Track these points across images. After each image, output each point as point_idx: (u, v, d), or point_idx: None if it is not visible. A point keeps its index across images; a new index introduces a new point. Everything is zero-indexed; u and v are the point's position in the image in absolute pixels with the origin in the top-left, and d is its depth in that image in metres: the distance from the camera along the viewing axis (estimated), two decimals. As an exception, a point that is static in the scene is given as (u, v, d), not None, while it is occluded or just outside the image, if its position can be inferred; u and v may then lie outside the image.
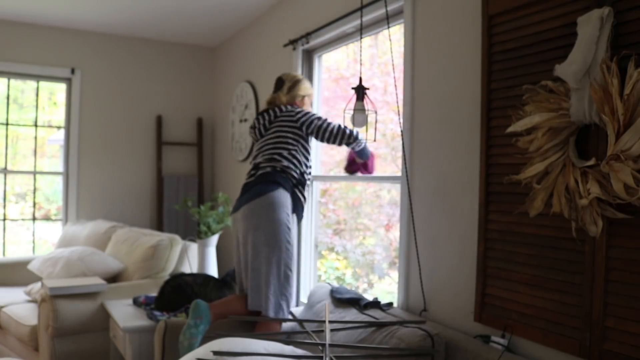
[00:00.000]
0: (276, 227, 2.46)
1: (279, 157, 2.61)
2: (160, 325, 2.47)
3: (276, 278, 2.45)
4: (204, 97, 5.15)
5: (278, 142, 2.65)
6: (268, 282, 2.44)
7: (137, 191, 4.84)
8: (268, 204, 2.48)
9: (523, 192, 1.77)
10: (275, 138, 2.68)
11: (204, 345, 1.91)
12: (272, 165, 2.61)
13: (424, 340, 1.89)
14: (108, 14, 4.16)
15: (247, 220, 2.52)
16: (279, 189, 2.52)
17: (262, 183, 2.55)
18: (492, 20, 1.94)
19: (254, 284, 2.46)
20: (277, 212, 2.48)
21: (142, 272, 3.51)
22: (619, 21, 1.51)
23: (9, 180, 4.67)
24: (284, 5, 3.74)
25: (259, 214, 2.48)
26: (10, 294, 3.70)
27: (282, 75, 2.90)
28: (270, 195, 2.50)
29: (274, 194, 2.51)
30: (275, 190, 2.51)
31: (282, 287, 2.47)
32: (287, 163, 2.61)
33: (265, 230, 2.45)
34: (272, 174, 2.57)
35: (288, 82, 2.84)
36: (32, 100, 4.62)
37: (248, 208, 2.52)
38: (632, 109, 1.41)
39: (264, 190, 2.51)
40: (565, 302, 1.68)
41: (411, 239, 2.41)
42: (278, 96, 2.81)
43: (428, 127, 2.37)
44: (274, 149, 2.65)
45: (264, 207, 2.48)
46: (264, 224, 2.46)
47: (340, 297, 2.49)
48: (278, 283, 2.46)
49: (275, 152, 2.63)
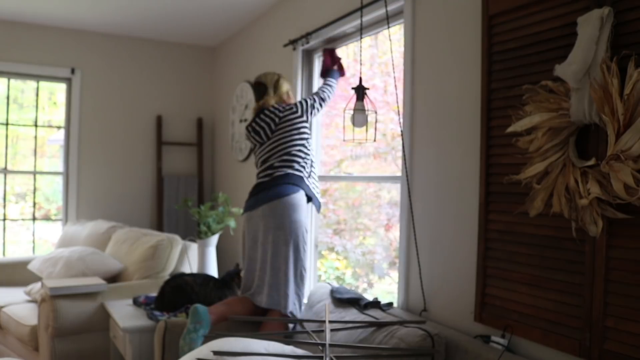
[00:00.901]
0: (297, 227, 2.57)
1: (293, 158, 2.68)
2: (160, 325, 2.47)
3: (294, 277, 2.55)
4: (204, 97, 5.15)
5: (289, 142, 2.70)
6: (287, 281, 2.52)
7: (137, 191, 4.84)
8: (290, 205, 2.57)
9: (523, 192, 1.77)
10: (284, 138, 2.72)
11: (204, 345, 1.91)
12: (288, 165, 2.68)
13: (424, 340, 1.89)
14: (108, 14, 4.16)
15: (267, 219, 2.58)
16: (300, 192, 2.63)
17: (282, 185, 2.62)
18: (492, 20, 1.94)
19: (273, 282, 2.53)
20: (298, 213, 2.58)
21: (142, 272, 3.51)
22: (619, 21, 1.51)
23: (9, 180, 4.67)
24: (284, 5, 3.74)
25: (282, 214, 2.55)
26: (10, 294, 3.70)
27: (259, 80, 2.93)
28: (293, 197, 2.59)
29: (295, 195, 2.60)
30: (296, 192, 2.61)
31: (298, 286, 2.57)
32: (302, 162, 2.69)
33: (288, 230, 2.54)
34: (290, 176, 2.65)
35: (270, 84, 2.89)
36: (32, 100, 4.62)
37: (269, 208, 2.58)
38: (632, 109, 1.41)
39: (285, 191, 2.59)
40: (565, 302, 1.68)
41: (411, 239, 2.41)
42: (266, 101, 2.85)
43: (428, 127, 2.37)
44: (287, 149, 2.70)
45: (287, 207, 2.56)
46: (287, 224, 2.55)
47: (340, 297, 2.49)
48: (295, 282, 2.56)
49: (288, 152, 2.69)
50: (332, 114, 3.43)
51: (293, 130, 2.72)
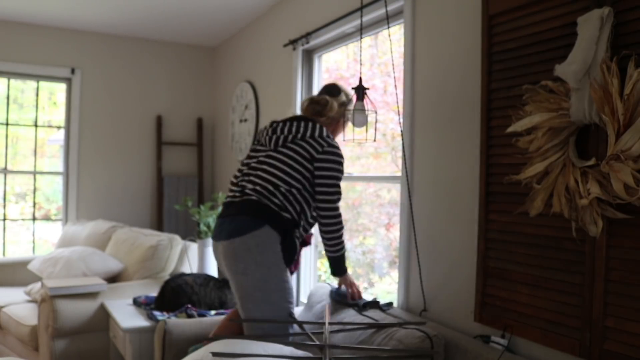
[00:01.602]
0: (266, 271, 2.14)
1: (275, 191, 2.20)
2: (160, 325, 2.47)
3: (274, 317, 2.18)
4: (204, 97, 5.15)
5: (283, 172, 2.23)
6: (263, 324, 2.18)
7: (137, 191, 4.84)
8: (254, 246, 2.13)
9: (523, 192, 1.77)
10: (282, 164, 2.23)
11: (203, 347, 1.90)
12: (265, 196, 2.20)
13: (422, 342, 1.88)
14: (108, 14, 4.16)
15: (229, 261, 2.19)
16: (265, 226, 2.15)
17: (246, 215, 2.18)
18: (492, 20, 1.94)
19: (247, 324, 2.21)
20: (265, 255, 2.14)
21: (142, 272, 3.51)
22: (619, 21, 1.51)
23: (9, 180, 4.67)
24: (284, 5, 3.74)
25: (243, 257, 2.13)
26: (10, 294, 3.70)
27: (336, 84, 2.51)
28: (256, 234, 2.13)
29: (259, 232, 2.13)
30: (260, 228, 2.14)
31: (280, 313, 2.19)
32: (284, 203, 2.20)
33: (254, 275, 2.13)
34: (261, 208, 2.18)
35: (344, 95, 2.45)
36: (32, 100, 4.62)
37: (229, 248, 2.17)
38: (632, 109, 1.40)
39: (248, 227, 2.14)
40: (565, 302, 1.68)
41: (411, 238, 2.41)
42: (331, 104, 2.38)
43: (428, 127, 2.37)
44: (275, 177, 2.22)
45: (248, 250, 2.13)
46: (251, 269, 2.13)
47: (340, 299, 2.48)
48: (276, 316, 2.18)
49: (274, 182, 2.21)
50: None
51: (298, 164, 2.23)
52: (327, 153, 2.25)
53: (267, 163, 2.27)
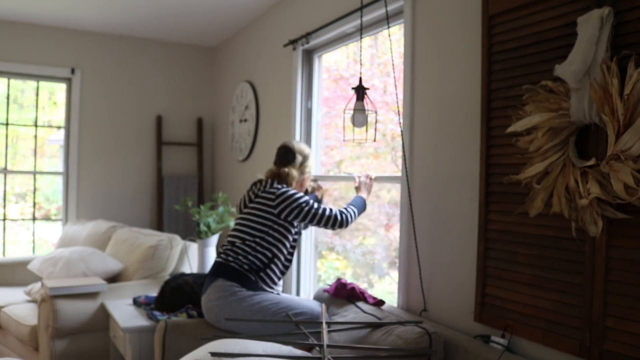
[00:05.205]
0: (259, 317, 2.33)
1: (243, 253, 2.45)
2: (160, 325, 2.47)
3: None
4: (204, 97, 5.14)
5: (249, 231, 2.48)
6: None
7: (137, 191, 4.84)
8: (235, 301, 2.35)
9: (523, 192, 1.77)
10: (248, 223, 2.50)
11: (202, 346, 1.90)
12: (235, 260, 2.45)
13: (421, 338, 1.89)
14: (108, 14, 4.16)
15: (211, 319, 2.43)
16: (242, 290, 2.38)
17: (224, 278, 2.41)
18: (492, 20, 1.94)
19: None
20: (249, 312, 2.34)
21: (142, 272, 3.51)
22: (619, 21, 1.51)
23: (9, 180, 4.67)
24: (284, 5, 3.74)
25: (225, 324, 2.36)
26: (10, 294, 3.70)
27: (288, 144, 2.65)
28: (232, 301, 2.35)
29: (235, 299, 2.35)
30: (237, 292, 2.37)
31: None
32: (253, 260, 2.44)
33: (245, 329, 2.32)
34: (234, 271, 2.42)
35: (299, 155, 2.63)
36: (32, 100, 4.62)
37: (209, 310, 2.42)
38: (632, 109, 1.40)
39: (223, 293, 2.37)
40: (565, 302, 1.68)
41: (411, 239, 2.41)
42: (291, 174, 2.58)
43: (428, 127, 2.37)
44: (242, 240, 2.48)
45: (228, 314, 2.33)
46: (242, 328, 2.32)
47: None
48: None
49: (242, 244, 2.47)
50: (331, 114, 3.43)
51: (261, 218, 2.47)
52: (279, 196, 2.48)
53: (239, 227, 2.54)
